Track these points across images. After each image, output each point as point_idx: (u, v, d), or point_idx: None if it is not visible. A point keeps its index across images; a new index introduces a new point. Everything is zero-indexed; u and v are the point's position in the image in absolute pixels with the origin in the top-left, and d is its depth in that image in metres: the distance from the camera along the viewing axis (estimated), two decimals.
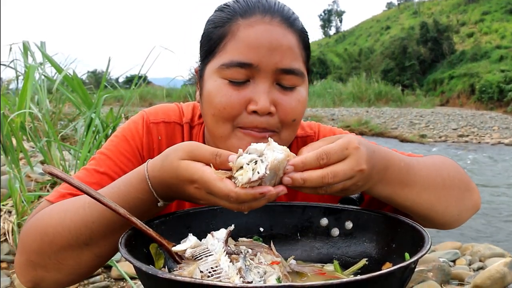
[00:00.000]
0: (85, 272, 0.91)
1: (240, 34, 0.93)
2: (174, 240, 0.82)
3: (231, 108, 0.93)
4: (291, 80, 0.95)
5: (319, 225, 0.95)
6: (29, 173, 3.34)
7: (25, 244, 0.90)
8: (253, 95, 0.92)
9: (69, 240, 0.85)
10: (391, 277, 0.63)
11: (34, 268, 0.89)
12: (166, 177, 0.78)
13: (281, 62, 0.93)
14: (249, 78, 0.93)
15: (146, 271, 0.63)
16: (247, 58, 0.91)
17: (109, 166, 1.01)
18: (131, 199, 0.82)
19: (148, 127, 1.07)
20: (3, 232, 2.77)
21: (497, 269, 2.57)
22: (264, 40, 0.92)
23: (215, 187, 0.71)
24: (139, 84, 4.24)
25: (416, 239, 0.76)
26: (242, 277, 0.71)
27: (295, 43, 0.95)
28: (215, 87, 0.94)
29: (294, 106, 0.95)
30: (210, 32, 0.98)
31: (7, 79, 5.71)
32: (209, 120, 0.98)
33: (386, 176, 0.83)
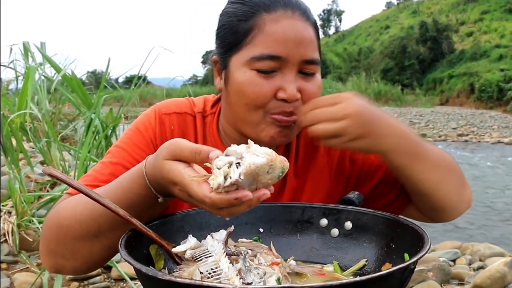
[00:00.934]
0: (99, 261, 0.95)
1: (268, 29, 1.00)
2: (174, 241, 0.83)
3: (263, 97, 1.00)
4: (313, 68, 1.04)
5: (319, 225, 0.95)
6: (29, 173, 3.34)
7: (45, 234, 0.95)
8: (281, 84, 1.00)
9: (80, 232, 0.90)
10: (390, 278, 0.63)
11: (55, 256, 0.95)
12: (156, 176, 0.79)
13: (305, 54, 1.01)
14: (276, 69, 1.01)
15: (146, 272, 0.63)
16: (276, 51, 0.99)
17: (123, 157, 1.05)
18: (134, 194, 0.84)
19: (160, 118, 1.11)
20: (3, 232, 2.77)
21: (497, 269, 2.57)
22: (290, 34, 0.99)
23: (192, 191, 0.71)
24: (138, 84, 4.24)
25: (416, 239, 0.76)
26: (242, 278, 0.71)
27: (313, 35, 1.04)
28: (246, 78, 1.01)
29: (315, 91, 1.04)
30: (234, 25, 1.03)
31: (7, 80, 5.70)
32: (240, 109, 1.04)
33: (400, 145, 0.94)
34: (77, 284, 2.57)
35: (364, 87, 29.42)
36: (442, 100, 34.99)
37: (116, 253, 0.94)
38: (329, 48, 64.07)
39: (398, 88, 32.47)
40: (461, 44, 45.85)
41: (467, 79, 33.30)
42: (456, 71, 36.74)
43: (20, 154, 3.48)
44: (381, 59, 45.39)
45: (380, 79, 33.84)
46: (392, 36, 52.08)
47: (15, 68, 4.51)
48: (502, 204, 6.54)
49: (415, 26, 49.98)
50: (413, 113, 21.03)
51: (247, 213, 0.94)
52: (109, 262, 2.64)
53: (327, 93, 0.97)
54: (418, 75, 42.29)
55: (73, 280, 2.60)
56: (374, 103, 1.01)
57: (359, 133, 0.90)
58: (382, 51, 47.19)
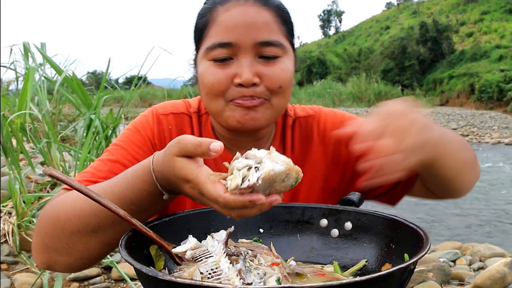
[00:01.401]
0: (94, 257, 0.94)
1: (219, 19, 1.03)
2: (174, 242, 0.83)
3: (219, 84, 1.02)
4: (272, 50, 1.03)
5: (319, 226, 0.95)
6: (29, 174, 3.34)
7: (40, 228, 0.94)
8: (237, 70, 1.01)
9: (78, 227, 0.89)
10: (390, 278, 0.63)
11: (48, 251, 0.93)
12: (165, 172, 0.79)
13: (258, 36, 1.01)
14: (232, 56, 1.02)
15: (147, 272, 0.63)
16: (226, 38, 1.01)
17: (121, 155, 1.06)
18: (138, 190, 0.84)
19: (158, 118, 1.14)
20: (3, 233, 2.77)
21: (498, 269, 2.57)
22: (239, 20, 1.01)
23: (206, 190, 0.71)
24: (139, 85, 4.24)
25: (415, 240, 0.76)
26: (242, 278, 0.72)
27: (271, 19, 1.03)
28: (203, 69, 1.04)
29: (277, 73, 1.03)
30: (197, 23, 1.09)
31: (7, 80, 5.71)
32: (205, 100, 1.08)
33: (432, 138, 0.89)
34: (78, 284, 2.57)
35: (364, 88, 29.42)
36: (442, 100, 34.97)
37: (112, 250, 0.95)
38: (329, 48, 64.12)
39: (398, 88, 32.45)
40: (461, 44, 45.85)
41: (467, 79, 33.28)
42: (456, 71, 36.71)
43: (20, 154, 3.48)
44: (381, 59, 45.38)
45: (380, 79, 33.81)
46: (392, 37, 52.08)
47: (15, 69, 4.51)
48: (502, 204, 6.54)
49: (415, 27, 49.97)
50: None
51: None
52: (110, 262, 2.64)
53: (327, 94, 0.94)
54: (418, 75, 42.28)
55: (73, 281, 2.60)
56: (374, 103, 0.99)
57: None
58: (382, 51, 47.18)
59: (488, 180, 8.20)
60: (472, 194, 7.01)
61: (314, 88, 31.39)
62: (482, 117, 19.83)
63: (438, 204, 6.33)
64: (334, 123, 1.19)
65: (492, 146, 13.13)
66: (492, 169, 9.38)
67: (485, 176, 8.58)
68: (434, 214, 5.94)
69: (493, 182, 8.15)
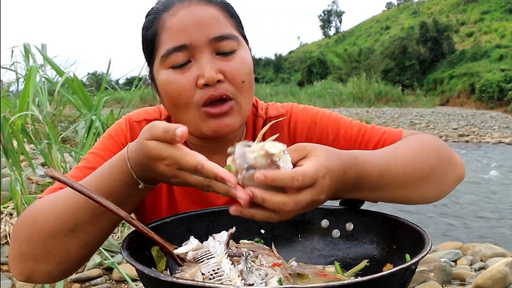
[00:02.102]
0: (74, 262, 0.91)
1: (167, 25, 1.00)
2: (175, 243, 0.83)
3: (184, 91, 0.98)
4: (228, 44, 1.00)
5: (320, 226, 0.95)
6: (30, 175, 3.34)
7: (16, 236, 0.91)
8: (198, 71, 0.98)
9: (56, 227, 0.87)
10: (392, 279, 0.64)
11: (25, 260, 0.90)
12: (139, 156, 0.80)
13: (210, 33, 0.98)
14: (189, 58, 0.99)
15: (148, 274, 0.64)
16: (179, 41, 0.98)
17: (97, 161, 1.05)
18: (113, 180, 0.83)
19: (131, 125, 1.14)
20: (4, 234, 2.77)
21: (499, 269, 2.57)
22: (188, 20, 0.98)
23: (184, 161, 0.73)
24: (139, 86, 4.24)
25: (417, 240, 0.76)
26: (244, 279, 0.72)
27: (218, 14, 1.02)
28: (163, 79, 1.01)
29: (238, 67, 1.01)
30: (144, 36, 1.05)
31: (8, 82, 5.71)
32: (173, 113, 1.05)
33: (356, 187, 0.83)
34: (79, 285, 2.58)
35: (364, 88, 29.42)
36: (442, 100, 34.97)
37: (92, 253, 0.92)
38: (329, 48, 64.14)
39: (398, 88, 32.44)
40: (461, 44, 45.85)
41: (467, 79, 33.28)
42: (457, 71, 36.72)
43: (21, 155, 3.48)
44: (381, 59, 45.39)
45: (381, 79, 33.82)
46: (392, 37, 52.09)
47: (15, 70, 4.51)
48: (502, 204, 6.54)
49: (415, 27, 50.00)
50: (414, 114, 21.01)
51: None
52: (111, 263, 2.65)
53: (328, 94, 0.92)
54: (418, 75, 42.29)
55: (75, 282, 2.60)
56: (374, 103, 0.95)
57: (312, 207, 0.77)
58: (383, 51, 47.20)
59: (488, 180, 8.19)
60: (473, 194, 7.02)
61: (315, 89, 31.39)
62: (483, 117, 19.82)
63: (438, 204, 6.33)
64: (305, 122, 1.15)
65: (493, 145, 13.13)
66: (493, 168, 9.38)
67: (486, 176, 8.58)
68: (435, 214, 5.94)
69: (494, 182, 8.15)
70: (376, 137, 1.10)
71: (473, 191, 7.32)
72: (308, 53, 69.10)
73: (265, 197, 0.69)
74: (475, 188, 7.58)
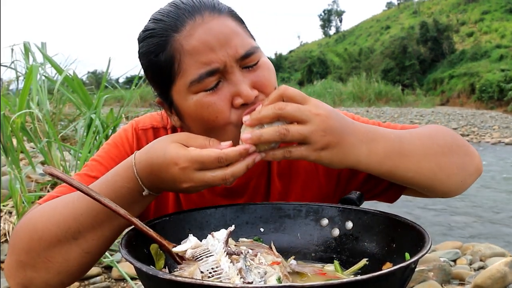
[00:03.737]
0: (74, 271, 0.90)
1: (188, 48, 0.91)
2: (174, 241, 0.83)
3: (221, 113, 0.91)
4: (254, 58, 0.94)
5: (319, 225, 0.95)
6: (29, 173, 3.34)
7: (15, 244, 0.90)
8: (232, 89, 0.92)
9: (57, 235, 0.86)
10: (391, 277, 0.63)
11: (24, 268, 0.89)
12: (153, 157, 0.80)
13: (237, 51, 0.91)
14: (220, 79, 0.92)
15: (147, 271, 0.63)
16: (211, 65, 0.90)
17: (99, 170, 1.03)
18: (118, 187, 0.83)
19: (137, 134, 1.11)
20: (3, 232, 2.77)
21: (498, 269, 2.57)
22: (211, 40, 0.90)
23: (204, 156, 0.77)
24: (139, 84, 4.24)
25: (417, 239, 0.76)
26: (243, 277, 0.71)
27: (234, 25, 0.95)
28: (195, 104, 0.92)
29: (268, 76, 0.96)
30: (155, 62, 0.95)
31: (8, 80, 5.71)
32: (207, 135, 0.95)
33: (379, 148, 0.85)
34: (78, 284, 2.57)
35: (364, 87, 29.43)
36: (442, 100, 34.95)
37: (93, 263, 0.92)
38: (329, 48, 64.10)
39: (398, 88, 32.46)
40: (461, 44, 45.83)
41: (467, 79, 33.26)
42: (457, 71, 36.70)
43: (21, 154, 3.48)
44: (381, 59, 45.37)
45: (381, 79, 33.83)
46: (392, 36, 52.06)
47: (15, 68, 4.51)
48: (502, 204, 6.53)
49: (415, 26, 49.95)
50: (414, 113, 21.01)
51: (248, 212, 0.95)
52: (110, 262, 2.64)
53: (328, 94, 0.93)
54: (418, 75, 42.26)
55: None
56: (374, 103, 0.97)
57: (326, 142, 0.80)
58: (383, 51, 47.17)
59: (489, 180, 8.19)
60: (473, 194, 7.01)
61: (315, 88, 31.40)
62: (483, 117, 19.82)
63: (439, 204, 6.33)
64: None
65: (493, 145, 13.13)
66: (492, 168, 9.37)
67: (486, 176, 8.58)
68: (434, 213, 5.94)
69: (495, 182, 8.14)
70: (395, 128, 1.09)
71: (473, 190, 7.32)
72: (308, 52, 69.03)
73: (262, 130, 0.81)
74: (475, 187, 7.58)
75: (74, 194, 0.89)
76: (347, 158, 0.83)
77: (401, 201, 1.19)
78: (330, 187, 1.11)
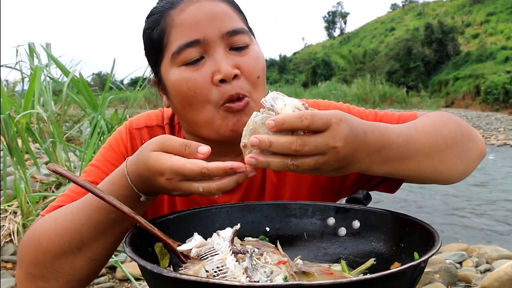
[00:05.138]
0: (82, 279, 0.91)
1: (176, 21, 0.95)
2: (179, 240, 0.81)
3: (200, 88, 0.94)
4: (241, 39, 0.96)
5: (326, 224, 0.93)
6: (34, 174, 3.34)
7: (22, 257, 0.91)
8: (213, 67, 0.94)
9: (62, 246, 0.87)
10: (401, 276, 0.62)
11: (34, 279, 0.90)
12: (139, 169, 0.78)
13: (224, 27, 0.95)
14: (203, 54, 0.95)
15: (151, 269, 0.62)
16: (192, 36, 0.94)
17: (97, 175, 1.03)
18: (115, 196, 0.82)
19: (131, 133, 1.10)
20: (8, 232, 2.77)
21: (505, 271, 2.55)
22: (199, 15, 0.94)
23: (186, 170, 0.72)
24: (143, 85, 4.24)
25: (426, 238, 0.75)
26: (249, 276, 0.70)
27: (228, 8, 0.98)
28: (176, 78, 0.96)
29: (254, 62, 0.97)
30: (150, 37, 1.00)
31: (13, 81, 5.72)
32: (188, 114, 0.99)
33: (382, 156, 0.81)
34: None
35: (369, 89, 29.38)
36: (447, 102, 34.80)
37: (100, 269, 0.93)
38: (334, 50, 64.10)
39: (403, 90, 32.38)
40: (466, 46, 45.67)
41: (472, 81, 33.11)
42: (462, 73, 36.55)
43: (26, 155, 3.48)
44: (386, 61, 45.28)
45: (385, 81, 33.75)
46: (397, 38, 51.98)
47: (21, 69, 4.52)
48: (509, 206, 6.49)
49: (420, 28, 49.86)
50: None
51: (254, 212, 0.93)
52: (114, 262, 2.64)
53: (332, 95, 0.90)
54: (423, 77, 42.11)
55: None
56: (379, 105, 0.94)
57: (335, 167, 0.75)
58: (387, 53, 47.10)
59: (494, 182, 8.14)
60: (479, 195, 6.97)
61: (319, 90, 31.39)
62: (488, 119, 19.73)
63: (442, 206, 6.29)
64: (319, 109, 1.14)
65: (498, 148, 13.05)
66: (498, 170, 9.32)
67: (491, 178, 8.52)
68: (439, 215, 5.90)
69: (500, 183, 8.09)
70: (392, 120, 1.09)
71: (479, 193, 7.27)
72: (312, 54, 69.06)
73: (272, 139, 0.69)
74: (481, 190, 7.53)
75: (74, 204, 0.89)
76: (349, 171, 0.79)
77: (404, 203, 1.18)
78: (326, 178, 1.09)
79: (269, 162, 0.71)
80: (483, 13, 51.95)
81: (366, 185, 1.10)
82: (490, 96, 29.13)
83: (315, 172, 0.75)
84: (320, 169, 0.73)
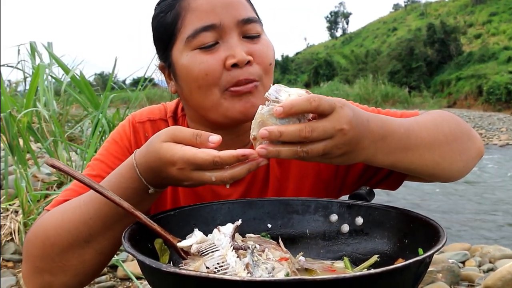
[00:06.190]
0: (90, 272, 0.91)
1: (192, 6, 0.96)
2: (179, 235, 0.80)
3: (212, 71, 0.95)
4: (254, 28, 0.99)
5: (329, 221, 0.92)
6: (35, 173, 3.34)
7: (29, 251, 0.91)
8: (227, 52, 0.95)
9: (69, 240, 0.86)
10: (406, 272, 0.60)
11: (41, 274, 0.90)
12: (150, 161, 0.78)
13: (239, 15, 0.97)
14: (217, 39, 0.96)
15: (150, 264, 0.61)
16: (208, 20, 0.95)
17: (101, 168, 1.03)
18: (123, 189, 0.82)
19: (134, 127, 1.10)
20: (9, 231, 2.77)
21: (509, 270, 2.53)
22: (215, 2, 0.96)
23: (198, 159, 0.72)
24: (145, 85, 4.24)
25: (430, 234, 0.73)
26: (250, 272, 0.69)
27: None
28: (189, 60, 0.97)
29: (266, 50, 0.99)
30: (163, 20, 1.01)
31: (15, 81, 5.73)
32: (196, 96, 0.99)
33: (385, 145, 0.81)
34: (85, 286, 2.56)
35: (371, 89, 29.36)
36: (449, 102, 34.74)
37: (107, 261, 0.93)
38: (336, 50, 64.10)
39: (405, 90, 32.36)
40: (469, 46, 45.61)
41: (475, 81, 33.06)
42: (464, 73, 36.50)
43: (27, 154, 3.48)
44: (388, 61, 45.25)
45: (387, 81, 33.75)
46: (399, 38, 51.94)
47: (22, 68, 4.52)
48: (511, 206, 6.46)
49: (422, 28, 49.77)
50: None
51: (255, 208, 0.92)
52: (115, 261, 2.63)
53: (334, 96, 0.89)
54: (425, 77, 42.06)
55: None
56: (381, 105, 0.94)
57: (341, 152, 0.75)
58: (390, 53, 47.06)
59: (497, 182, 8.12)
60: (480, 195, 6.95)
61: (321, 90, 31.36)
62: (490, 119, 19.69)
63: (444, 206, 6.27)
64: None
65: (500, 148, 13.02)
66: (500, 171, 9.29)
67: (494, 178, 8.50)
68: (442, 215, 5.88)
69: (501, 183, 8.07)
70: (395, 117, 1.08)
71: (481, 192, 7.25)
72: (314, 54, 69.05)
73: (281, 129, 0.70)
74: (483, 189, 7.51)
75: (81, 198, 0.88)
76: (356, 159, 0.80)
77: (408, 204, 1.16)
78: (329, 173, 1.09)
79: (279, 151, 0.72)
80: (485, 13, 51.85)
81: (368, 182, 1.09)
82: (493, 96, 29.07)
83: (324, 159, 0.76)
84: (329, 154, 0.74)
